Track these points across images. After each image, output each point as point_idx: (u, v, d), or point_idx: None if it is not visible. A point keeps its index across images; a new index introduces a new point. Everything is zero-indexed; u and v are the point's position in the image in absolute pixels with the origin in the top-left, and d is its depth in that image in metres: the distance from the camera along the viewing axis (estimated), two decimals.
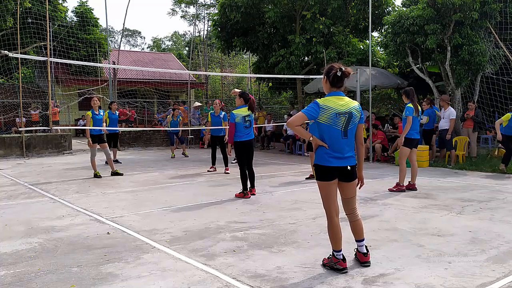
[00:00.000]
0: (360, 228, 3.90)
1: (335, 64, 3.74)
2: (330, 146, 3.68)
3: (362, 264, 3.86)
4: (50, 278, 3.65)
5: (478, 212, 5.82)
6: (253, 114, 7.29)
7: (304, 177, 9.03)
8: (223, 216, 5.78)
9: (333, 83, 3.71)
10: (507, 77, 12.16)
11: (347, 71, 3.67)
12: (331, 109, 3.63)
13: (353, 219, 3.90)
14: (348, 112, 3.67)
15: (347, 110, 3.67)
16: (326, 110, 3.63)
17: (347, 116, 3.67)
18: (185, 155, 13.54)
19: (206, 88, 26.20)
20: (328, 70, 3.74)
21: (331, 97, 3.71)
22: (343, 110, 3.66)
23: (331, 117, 3.63)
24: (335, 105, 3.65)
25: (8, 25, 21.34)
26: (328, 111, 3.63)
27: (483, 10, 11.18)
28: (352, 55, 15.61)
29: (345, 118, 3.66)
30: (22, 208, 6.37)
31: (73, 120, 24.14)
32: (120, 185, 8.37)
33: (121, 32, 44.40)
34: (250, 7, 15.43)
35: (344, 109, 3.66)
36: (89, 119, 9.39)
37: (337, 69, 3.66)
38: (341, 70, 3.66)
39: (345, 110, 3.66)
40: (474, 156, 11.05)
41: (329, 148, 3.68)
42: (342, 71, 3.65)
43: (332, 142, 3.68)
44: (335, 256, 3.75)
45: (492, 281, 3.49)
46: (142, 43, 74.33)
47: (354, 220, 3.89)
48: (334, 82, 3.70)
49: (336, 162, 3.69)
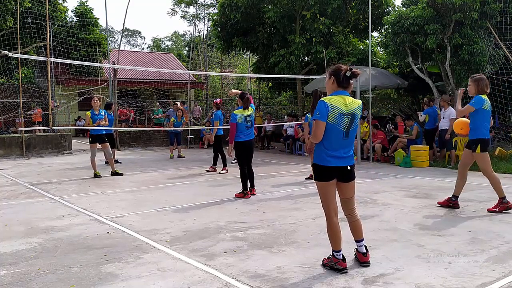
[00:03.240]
0: (359, 228, 3.90)
1: (342, 65, 3.74)
2: (330, 146, 3.67)
3: (362, 264, 3.86)
4: (50, 278, 3.66)
5: (478, 212, 5.82)
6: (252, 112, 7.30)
7: (304, 177, 9.02)
8: (223, 216, 5.78)
9: (341, 83, 3.70)
10: (507, 77, 12.15)
11: (356, 72, 3.68)
12: (337, 109, 3.62)
13: (352, 220, 3.90)
14: (351, 113, 3.67)
15: (350, 111, 3.67)
16: (333, 109, 3.61)
17: (351, 117, 3.67)
18: (181, 156, 13.52)
19: (206, 88, 26.19)
20: (337, 70, 3.72)
21: (336, 96, 3.70)
22: (347, 110, 3.65)
23: (336, 116, 3.62)
24: (340, 105, 3.64)
25: (8, 25, 21.33)
26: (334, 111, 3.61)
27: (483, 10, 11.17)
28: (352, 55, 15.61)
29: (348, 119, 3.66)
30: (22, 208, 6.37)
31: (73, 120, 24.13)
32: (120, 185, 8.37)
33: (121, 32, 44.43)
34: (250, 7, 15.43)
35: (348, 110, 3.66)
36: (88, 119, 9.46)
37: (347, 69, 3.67)
38: (351, 70, 3.66)
39: (349, 111, 3.66)
40: None
41: (328, 147, 3.68)
42: (351, 71, 3.66)
43: (333, 141, 3.67)
44: (335, 256, 3.75)
45: (492, 281, 3.50)
46: (142, 43, 74.41)
47: (354, 220, 3.89)
48: (343, 82, 3.70)
49: (336, 162, 3.69)
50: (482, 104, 5.78)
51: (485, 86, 5.87)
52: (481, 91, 5.86)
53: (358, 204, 6.36)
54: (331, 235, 3.78)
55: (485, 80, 5.90)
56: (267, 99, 26.79)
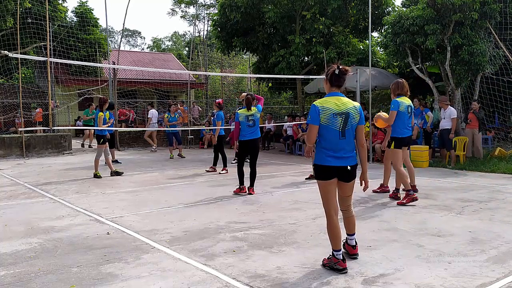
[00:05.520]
0: (353, 224, 4.06)
1: (334, 65, 3.83)
2: (328, 146, 3.74)
3: (351, 256, 4.01)
4: (50, 278, 3.66)
5: (478, 212, 5.82)
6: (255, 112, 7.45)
7: (304, 177, 9.02)
8: (223, 216, 5.78)
9: (332, 82, 3.80)
10: (507, 77, 12.15)
11: (344, 69, 3.76)
12: (328, 110, 3.71)
13: (348, 215, 4.03)
14: (345, 113, 3.72)
15: (344, 111, 3.72)
16: (324, 111, 3.72)
17: (344, 116, 3.72)
18: (181, 156, 13.52)
19: (206, 88, 26.18)
20: (328, 70, 3.86)
21: (329, 98, 3.80)
22: (339, 110, 3.72)
23: (328, 117, 3.71)
24: (332, 105, 3.73)
25: (8, 25, 21.32)
26: (325, 112, 3.71)
27: (483, 10, 11.17)
28: (352, 55, 15.61)
29: (342, 118, 3.72)
30: (22, 208, 6.37)
31: (72, 120, 24.12)
32: (120, 185, 8.37)
33: (121, 32, 44.44)
34: (250, 7, 15.43)
35: (341, 110, 3.73)
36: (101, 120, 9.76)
37: (335, 68, 3.76)
38: (339, 68, 3.74)
39: (342, 110, 3.72)
40: (480, 158, 10.93)
41: (326, 147, 3.74)
42: (339, 69, 3.74)
43: (330, 142, 3.73)
44: (335, 256, 3.76)
45: (492, 281, 3.50)
46: (142, 43, 74.35)
47: (349, 216, 4.04)
48: (333, 81, 3.79)
49: (335, 162, 3.73)
50: (398, 107, 6.56)
51: (397, 89, 6.73)
52: (396, 95, 6.71)
53: (358, 204, 6.37)
54: (331, 235, 3.80)
55: (396, 83, 6.80)
56: (267, 99, 26.78)
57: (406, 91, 6.75)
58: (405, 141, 6.73)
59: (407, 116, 6.65)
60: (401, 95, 6.71)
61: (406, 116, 6.63)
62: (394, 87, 6.79)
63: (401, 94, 6.71)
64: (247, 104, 7.41)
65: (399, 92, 6.72)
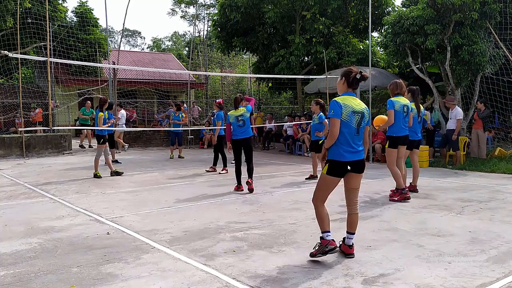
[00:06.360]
0: (356, 222, 4.17)
1: (353, 68, 4.07)
2: (345, 141, 3.95)
3: (347, 255, 4.08)
4: (50, 278, 3.65)
5: (478, 212, 5.82)
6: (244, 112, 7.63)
7: (304, 178, 9.03)
8: (223, 216, 5.78)
9: (351, 84, 4.04)
10: (507, 77, 12.15)
11: (365, 75, 4.04)
12: (349, 107, 3.94)
13: (353, 212, 4.17)
14: (361, 112, 4.00)
15: (360, 110, 4.00)
16: (345, 107, 3.92)
17: (361, 115, 4.00)
18: (181, 157, 13.51)
19: (206, 88, 26.17)
20: (348, 72, 4.06)
21: (347, 97, 4.03)
22: (358, 109, 3.99)
23: (348, 114, 3.93)
24: (351, 103, 3.97)
25: (8, 25, 21.31)
26: (347, 109, 3.93)
27: (483, 10, 11.17)
28: (352, 55, 15.61)
29: (359, 116, 3.98)
30: (22, 208, 6.37)
31: (72, 121, 24.13)
32: (120, 185, 8.37)
33: (121, 32, 44.44)
34: (250, 7, 15.43)
35: (358, 109, 3.99)
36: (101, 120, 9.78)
37: (357, 72, 4.00)
38: (361, 73, 4.00)
39: (359, 109, 3.99)
40: (484, 158, 10.92)
41: (344, 143, 3.95)
42: (361, 74, 4.00)
43: (348, 137, 3.95)
44: (325, 238, 3.94)
45: (492, 281, 3.50)
46: (142, 43, 74.30)
47: (354, 213, 4.17)
48: (353, 83, 4.04)
49: (351, 156, 3.97)
50: (393, 106, 6.65)
51: (395, 89, 6.81)
52: (394, 94, 6.81)
53: (358, 204, 6.35)
54: (320, 217, 4.02)
55: (394, 83, 6.88)
56: (267, 99, 26.78)
57: (404, 91, 6.91)
58: (401, 140, 6.82)
59: (403, 115, 6.72)
60: (399, 94, 6.83)
61: (401, 115, 6.70)
62: (393, 87, 6.89)
63: (399, 94, 6.84)
64: (234, 103, 7.74)
65: (398, 91, 6.84)
